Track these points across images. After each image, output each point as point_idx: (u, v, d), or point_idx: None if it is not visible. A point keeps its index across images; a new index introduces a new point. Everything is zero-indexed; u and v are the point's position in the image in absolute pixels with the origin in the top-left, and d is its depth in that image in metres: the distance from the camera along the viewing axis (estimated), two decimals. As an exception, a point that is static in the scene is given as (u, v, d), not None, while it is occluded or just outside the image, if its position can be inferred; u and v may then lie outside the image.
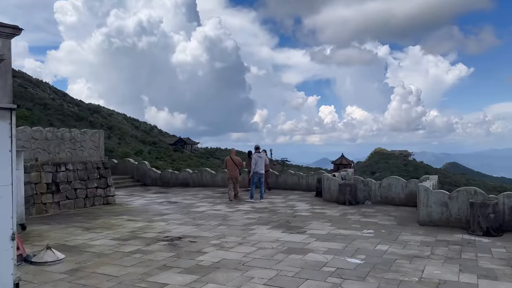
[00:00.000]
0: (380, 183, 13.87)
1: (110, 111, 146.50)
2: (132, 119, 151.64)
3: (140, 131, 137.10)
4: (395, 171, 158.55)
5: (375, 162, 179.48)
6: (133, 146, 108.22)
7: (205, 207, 13.35)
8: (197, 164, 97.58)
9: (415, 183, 13.23)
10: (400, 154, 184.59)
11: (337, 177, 15.28)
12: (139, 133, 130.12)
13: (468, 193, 9.74)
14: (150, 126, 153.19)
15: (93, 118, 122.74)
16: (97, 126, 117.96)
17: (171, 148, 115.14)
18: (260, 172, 15.18)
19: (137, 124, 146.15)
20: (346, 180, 14.62)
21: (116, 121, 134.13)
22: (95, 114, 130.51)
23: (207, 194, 17.47)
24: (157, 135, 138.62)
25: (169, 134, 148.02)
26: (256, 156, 15.34)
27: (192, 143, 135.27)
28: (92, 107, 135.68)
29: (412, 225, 10.05)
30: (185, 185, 21.13)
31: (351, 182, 14.14)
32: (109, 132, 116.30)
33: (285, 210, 12.64)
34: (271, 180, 19.09)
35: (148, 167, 22.41)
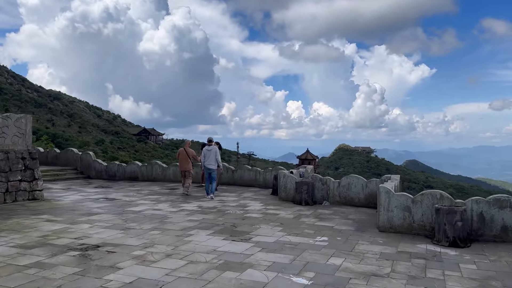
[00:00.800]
0: (339, 182, 12.82)
1: (72, 99, 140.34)
2: (95, 107, 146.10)
3: (102, 120, 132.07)
4: (358, 167, 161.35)
5: (339, 158, 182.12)
6: (94, 136, 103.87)
7: (145, 206, 11.82)
8: (161, 155, 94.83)
9: (376, 183, 12.27)
10: (363, 150, 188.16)
11: (295, 174, 14.15)
12: (102, 122, 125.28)
13: (434, 197, 8.76)
14: (113, 115, 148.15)
15: (53, 105, 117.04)
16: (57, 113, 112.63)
17: (134, 139, 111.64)
18: (209, 166, 13.86)
19: (100, 113, 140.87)
20: (304, 177, 13.51)
21: (77, 109, 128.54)
22: (56, 101, 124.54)
23: (153, 190, 15.89)
24: (121, 125, 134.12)
25: (133, 124, 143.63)
26: (205, 150, 14.02)
27: (157, 134, 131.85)
28: (52, 93, 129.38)
29: (371, 231, 8.98)
30: (134, 179, 19.43)
31: (308, 180, 13.00)
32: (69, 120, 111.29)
33: (235, 210, 11.32)
34: (227, 175, 17.74)
35: (93, 158, 20.49)
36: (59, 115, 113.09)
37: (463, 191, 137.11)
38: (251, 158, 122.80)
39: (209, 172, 13.91)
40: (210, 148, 13.97)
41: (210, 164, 13.84)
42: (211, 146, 14.05)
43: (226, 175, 17.68)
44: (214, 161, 13.94)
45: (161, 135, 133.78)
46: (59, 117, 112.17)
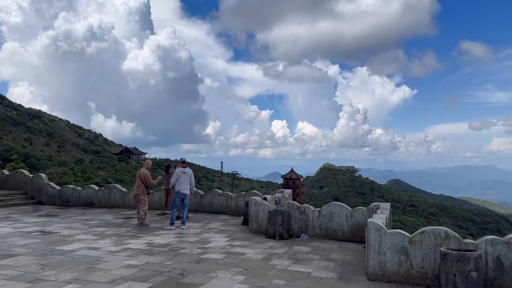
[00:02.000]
0: (319, 211, 10.88)
1: (52, 117, 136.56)
2: (76, 126, 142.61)
3: (83, 139, 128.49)
4: (342, 186, 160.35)
5: (324, 177, 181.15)
6: (73, 155, 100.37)
7: (82, 243, 9.62)
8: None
9: (363, 212, 10.41)
10: (347, 170, 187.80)
11: (270, 201, 12.18)
12: (82, 141, 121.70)
13: (437, 236, 6.87)
14: (95, 134, 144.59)
15: (32, 124, 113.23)
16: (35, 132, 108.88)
17: (115, 158, 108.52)
18: (183, 192, 12.01)
19: (80, 132, 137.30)
20: (279, 204, 11.55)
21: (57, 127, 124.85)
22: (35, 119, 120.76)
23: (105, 219, 13.66)
24: (102, 144, 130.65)
25: (115, 143, 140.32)
26: (179, 172, 12.04)
27: (139, 153, 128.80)
28: (32, 112, 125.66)
29: (359, 280, 7.01)
30: (89, 205, 17.14)
31: (284, 209, 11.03)
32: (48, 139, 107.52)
33: (191, 249, 9.20)
34: (195, 201, 15.66)
35: (45, 182, 18.14)
36: (38, 134, 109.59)
37: (446, 210, 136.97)
38: (235, 177, 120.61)
39: (183, 198, 12.06)
40: (186, 170, 12.11)
41: (186, 189, 12.02)
42: (187, 169, 12.21)
43: (193, 201, 15.64)
44: (188, 185, 12.16)
45: (143, 154, 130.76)
46: (38, 136, 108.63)
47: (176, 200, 12.04)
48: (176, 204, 12.07)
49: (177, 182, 11.96)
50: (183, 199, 12.09)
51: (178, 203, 12.08)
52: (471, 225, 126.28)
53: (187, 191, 12.10)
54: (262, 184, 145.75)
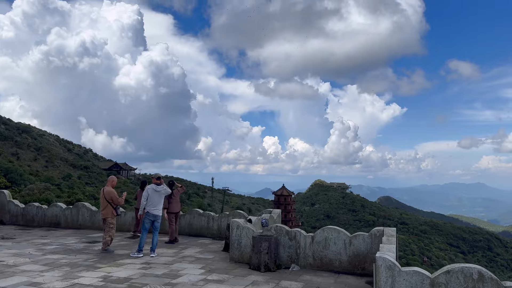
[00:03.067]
0: (312, 237, 9.26)
1: (42, 132, 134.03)
2: (66, 141, 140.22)
3: (72, 154, 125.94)
4: (333, 203, 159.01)
5: (315, 193, 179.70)
6: (61, 170, 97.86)
7: (24, 277, 7.83)
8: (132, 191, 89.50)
9: (364, 239, 8.84)
10: (338, 186, 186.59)
11: (255, 223, 10.57)
12: (72, 157, 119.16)
13: (467, 277, 5.29)
14: (84, 149, 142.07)
15: (20, 138, 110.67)
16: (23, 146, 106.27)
17: (104, 174, 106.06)
18: (154, 213, 10.30)
19: (70, 147, 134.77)
20: (267, 226, 9.91)
21: (46, 142, 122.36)
22: (24, 134, 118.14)
23: (66, 243, 11.86)
24: (91, 159, 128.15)
25: (104, 159, 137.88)
26: (151, 189, 10.37)
27: (129, 169, 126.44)
28: (21, 126, 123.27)
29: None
30: (55, 225, 15.31)
31: (271, 234, 9.39)
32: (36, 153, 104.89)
33: (155, 286, 7.49)
34: None
35: (8, 199, 16.29)
36: (26, 149, 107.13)
37: (437, 228, 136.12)
38: (226, 193, 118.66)
39: (153, 220, 10.35)
40: (159, 188, 10.43)
41: (156, 209, 10.35)
42: (161, 186, 10.52)
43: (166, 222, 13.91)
44: (161, 205, 10.54)
45: (133, 170, 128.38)
46: (26, 150, 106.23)
47: (146, 223, 10.32)
48: (146, 227, 10.33)
49: (147, 201, 10.26)
50: (154, 222, 10.39)
51: (148, 227, 10.37)
52: (462, 243, 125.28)
53: (159, 212, 10.44)
54: (254, 201, 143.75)
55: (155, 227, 10.42)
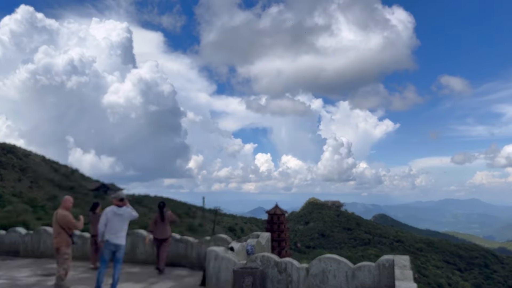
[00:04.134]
0: (307, 269, 8.02)
1: (27, 152, 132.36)
2: (52, 161, 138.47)
3: (59, 174, 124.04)
4: (328, 221, 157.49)
5: (309, 212, 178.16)
6: (46, 191, 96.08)
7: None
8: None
9: (370, 270, 7.74)
10: (332, 204, 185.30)
11: (238, 252, 9.28)
12: (58, 177, 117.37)
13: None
14: (71, 169, 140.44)
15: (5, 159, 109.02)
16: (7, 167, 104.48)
17: (91, 194, 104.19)
18: (114, 241, 8.42)
19: (56, 167, 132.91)
20: (252, 254, 8.82)
21: (32, 162, 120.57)
22: (9, 154, 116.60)
23: (16, 277, 10.38)
24: (78, 180, 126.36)
25: (91, 179, 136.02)
26: (110, 212, 8.54)
27: (117, 189, 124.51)
28: (6, 146, 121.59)
29: None
30: (14, 253, 13.69)
31: (255, 265, 8.06)
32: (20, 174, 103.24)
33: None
34: (144, 249, 12.37)
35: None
36: (10, 169, 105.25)
37: (433, 245, 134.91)
38: (218, 213, 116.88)
39: (113, 250, 8.43)
40: (120, 211, 8.54)
41: (117, 236, 8.42)
42: (124, 208, 8.60)
43: (142, 249, 12.41)
44: (124, 234, 8.58)
45: (121, 190, 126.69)
46: (10, 171, 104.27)
47: (105, 254, 8.44)
48: (105, 259, 8.45)
49: (106, 228, 8.40)
50: (115, 252, 8.41)
51: (108, 258, 8.46)
52: (458, 260, 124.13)
53: (121, 240, 8.48)
54: (246, 220, 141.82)
55: (117, 259, 8.44)
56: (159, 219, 11.09)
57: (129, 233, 11.48)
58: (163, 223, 11.13)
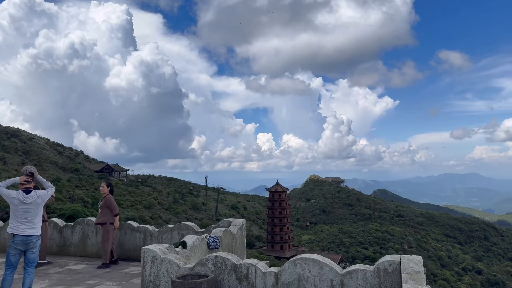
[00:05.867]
0: (276, 275, 5.67)
1: (31, 136, 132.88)
2: (56, 144, 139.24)
3: (63, 157, 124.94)
4: (329, 197, 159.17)
5: (310, 189, 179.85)
6: (50, 174, 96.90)
7: None
8: (123, 193, 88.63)
9: (365, 278, 5.32)
10: (333, 181, 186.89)
11: (194, 246, 7.18)
12: (62, 159, 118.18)
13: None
14: (75, 152, 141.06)
15: (9, 143, 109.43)
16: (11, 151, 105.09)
17: (95, 176, 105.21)
18: (23, 233, 6.19)
19: (61, 150, 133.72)
20: (217, 248, 7.49)
21: (36, 146, 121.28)
22: (13, 138, 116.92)
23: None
24: (83, 162, 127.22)
25: (96, 161, 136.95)
26: (15, 201, 6.22)
27: (121, 170, 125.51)
28: (10, 130, 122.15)
29: None
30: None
31: (205, 270, 5.92)
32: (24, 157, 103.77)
33: None
34: (96, 240, 10.31)
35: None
36: (13, 153, 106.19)
37: (433, 219, 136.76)
38: (221, 192, 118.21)
39: (22, 249, 6.25)
40: (29, 199, 6.24)
41: (29, 226, 6.22)
42: (33, 194, 6.29)
43: (94, 240, 10.33)
44: (39, 222, 6.38)
45: (125, 171, 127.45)
46: (13, 155, 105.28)
47: (11, 255, 6.19)
48: (11, 262, 6.21)
49: (13, 218, 6.22)
50: (26, 252, 6.25)
51: (15, 260, 6.24)
52: (458, 234, 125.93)
53: (33, 230, 6.25)
54: (249, 198, 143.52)
55: (29, 259, 6.27)
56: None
57: (79, 221, 10.57)
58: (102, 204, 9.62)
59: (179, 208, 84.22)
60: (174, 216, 76.93)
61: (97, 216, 9.51)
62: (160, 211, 77.47)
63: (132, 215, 60.14)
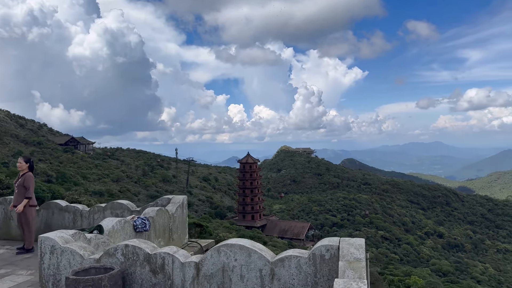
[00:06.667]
0: (197, 266, 4.94)
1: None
2: (17, 116, 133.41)
3: (25, 130, 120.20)
4: (299, 168, 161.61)
5: (281, 159, 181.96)
6: (11, 147, 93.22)
7: None
8: (90, 166, 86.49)
9: (299, 265, 4.60)
10: (303, 151, 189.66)
11: (115, 230, 6.32)
12: (24, 132, 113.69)
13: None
14: (38, 124, 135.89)
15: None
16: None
17: (60, 149, 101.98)
18: None
19: (22, 123, 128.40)
20: (146, 231, 6.84)
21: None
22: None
23: None
24: (46, 135, 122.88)
25: (61, 134, 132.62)
26: None
27: (87, 143, 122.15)
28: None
29: None
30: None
31: (112, 262, 5.15)
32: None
33: None
34: (11, 223, 9.37)
35: None
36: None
37: (398, 186, 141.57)
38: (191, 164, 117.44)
39: None
40: None
41: None
42: None
43: (15, 222, 9.15)
44: None
45: (91, 144, 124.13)
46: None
47: None
48: None
49: None
50: None
51: None
52: (421, 200, 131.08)
53: None
54: (220, 170, 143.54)
55: None
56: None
57: (1, 201, 9.56)
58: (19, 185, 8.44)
59: (148, 181, 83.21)
60: (143, 189, 76.01)
61: (13, 196, 8.50)
62: (129, 184, 76.32)
63: (99, 188, 58.90)
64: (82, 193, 28.58)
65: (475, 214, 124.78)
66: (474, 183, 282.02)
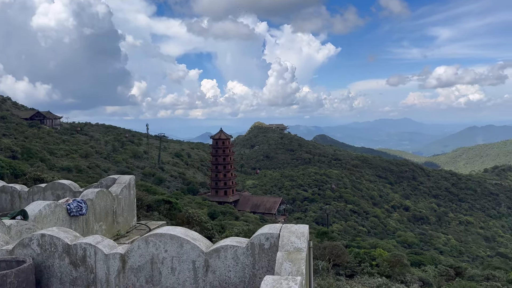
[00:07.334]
0: (123, 258, 4.55)
1: None
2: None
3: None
4: (272, 144, 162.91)
5: (255, 135, 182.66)
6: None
7: None
8: (57, 141, 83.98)
9: (236, 255, 4.31)
10: (277, 128, 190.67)
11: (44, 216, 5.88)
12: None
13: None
14: (2, 98, 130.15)
15: None
16: None
17: (25, 124, 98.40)
18: None
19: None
20: (82, 215, 6.49)
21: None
22: None
23: None
24: (11, 109, 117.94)
25: (26, 108, 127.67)
26: None
27: (54, 118, 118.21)
28: None
29: None
30: None
31: (26, 254, 4.67)
32: None
33: None
34: None
35: None
36: None
37: (367, 162, 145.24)
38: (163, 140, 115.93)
39: None
40: None
41: None
42: None
43: None
44: None
45: (58, 119, 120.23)
46: None
47: None
48: None
49: None
50: None
51: None
52: (389, 175, 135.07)
53: None
54: (193, 146, 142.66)
55: None
56: None
57: None
58: None
59: (119, 157, 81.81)
60: (113, 165, 74.74)
61: None
62: (98, 160, 74.86)
63: (67, 164, 57.48)
64: (46, 169, 27.74)
65: (439, 188, 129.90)
66: (440, 158, 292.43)
